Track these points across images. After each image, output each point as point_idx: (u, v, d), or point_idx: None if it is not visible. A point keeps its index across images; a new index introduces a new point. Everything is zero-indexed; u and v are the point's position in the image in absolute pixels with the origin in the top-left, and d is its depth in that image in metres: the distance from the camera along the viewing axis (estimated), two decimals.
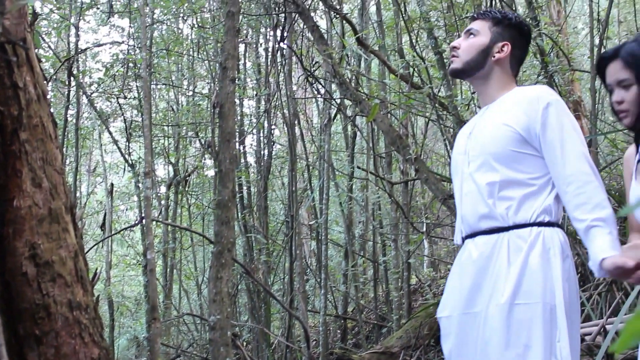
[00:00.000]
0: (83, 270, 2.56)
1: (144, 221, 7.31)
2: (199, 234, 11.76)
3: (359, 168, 12.17)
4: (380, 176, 11.00)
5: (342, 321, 12.07)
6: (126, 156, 11.76)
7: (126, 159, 11.74)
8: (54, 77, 11.22)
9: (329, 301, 11.74)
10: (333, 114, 11.08)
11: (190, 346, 13.04)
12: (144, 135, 7.30)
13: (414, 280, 12.76)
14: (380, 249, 12.29)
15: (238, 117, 12.02)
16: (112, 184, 12.77)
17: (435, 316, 3.43)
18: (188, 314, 12.71)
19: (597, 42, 8.91)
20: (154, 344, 6.20)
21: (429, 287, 12.02)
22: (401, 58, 9.84)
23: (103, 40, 13.56)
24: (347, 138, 12.44)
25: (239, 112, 12.27)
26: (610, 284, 7.52)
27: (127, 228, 12.31)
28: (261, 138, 12.34)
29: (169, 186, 13.14)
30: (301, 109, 13.12)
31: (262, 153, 12.15)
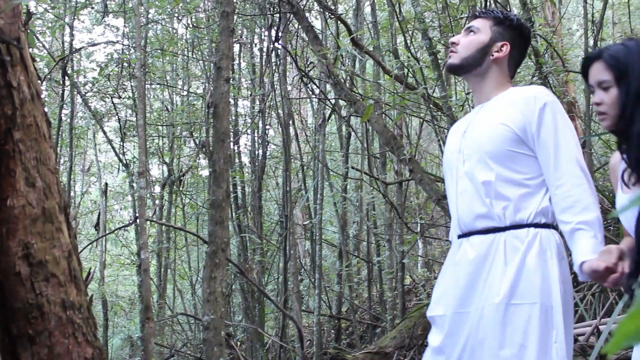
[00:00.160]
0: (77, 269, 2.56)
1: (138, 221, 7.30)
2: (193, 234, 11.75)
3: (353, 168, 12.17)
4: (374, 176, 11.00)
5: (336, 321, 12.06)
6: (120, 156, 11.76)
7: (120, 159, 11.74)
8: (49, 77, 11.21)
9: (323, 301, 11.74)
10: (327, 115, 11.08)
11: (184, 346, 13.03)
12: (138, 135, 7.29)
13: (408, 280, 12.76)
14: (374, 249, 12.29)
15: (232, 117, 12.01)
16: (106, 184, 12.75)
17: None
18: (182, 314, 12.71)
19: (592, 44, 8.92)
20: (148, 344, 6.20)
21: (423, 288, 12.02)
22: (396, 59, 9.84)
23: (97, 39, 13.55)
24: (342, 138, 12.43)
25: (234, 112, 12.26)
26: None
27: (121, 228, 12.31)
28: (256, 138, 12.33)
29: (164, 186, 13.12)
30: (296, 109, 13.11)
31: (257, 153, 12.15)
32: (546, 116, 3.06)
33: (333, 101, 10.55)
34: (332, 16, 9.52)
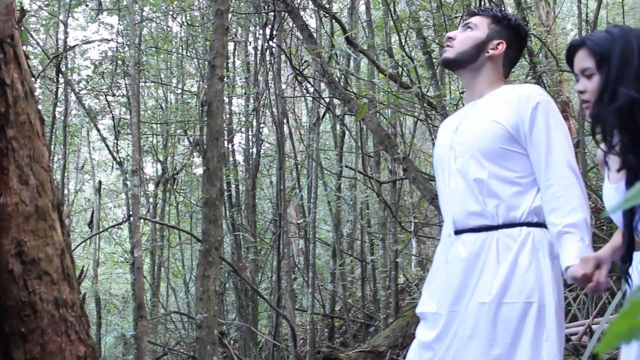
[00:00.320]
0: (69, 267, 2.55)
1: (132, 219, 7.30)
2: (187, 232, 11.74)
3: (348, 167, 12.17)
4: (368, 175, 11.00)
5: (330, 320, 12.07)
6: (114, 154, 11.73)
7: (114, 157, 11.72)
8: (43, 74, 11.19)
9: (317, 300, 11.74)
10: (322, 113, 11.08)
11: (177, 344, 13.02)
12: (132, 133, 7.29)
13: (402, 279, 12.76)
14: (368, 248, 12.29)
15: (227, 116, 12.01)
16: (100, 182, 12.74)
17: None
18: (175, 312, 12.69)
19: None
20: (141, 342, 6.20)
21: (417, 287, 12.01)
22: (390, 57, 9.84)
23: (92, 37, 13.51)
24: (336, 137, 12.43)
25: (228, 111, 12.25)
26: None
27: (115, 226, 12.29)
28: (250, 136, 12.33)
29: (157, 184, 13.10)
30: (290, 108, 13.10)
31: (251, 151, 12.14)
32: (539, 115, 3.05)
33: (327, 100, 10.55)
34: (327, 15, 9.52)
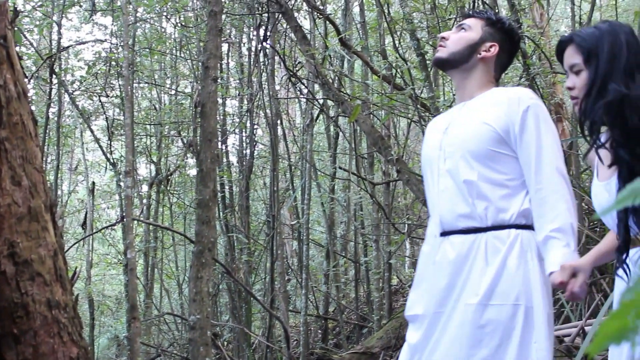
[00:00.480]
0: (62, 269, 2.55)
1: (125, 220, 7.29)
2: (180, 234, 11.73)
3: (341, 168, 12.17)
4: (362, 177, 11.01)
5: (323, 321, 12.07)
6: (108, 155, 11.72)
7: (108, 158, 11.71)
8: (36, 75, 11.17)
9: (310, 301, 11.73)
10: (315, 115, 11.09)
11: (170, 345, 13.01)
12: (125, 134, 7.29)
13: (395, 280, 12.77)
14: (361, 250, 12.30)
15: (221, 117, 12.00)
16: (94, 183, 12.72)
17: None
18: (168, 314, 12.68)
19: None
20: (134, 343, 6.19)
21: (410, 288, 12.03)
22: (384, 59, 9.85)
23: (86, 38, 13.50)
24: (330, 138, 12.43)
25: (222, 112, 12.25)
26: (589, 286, 7.56)
27: (108, 227, 12.27)
28: (244, 138, 12.33)
29: (151, 185, 13.10)
30: (284, 109, 13.11)
31: (245, 152, 12.15)
32: (529, 119, 3.06)
33: (321, 101, 10.55)
34: (321, 16, 9.52)
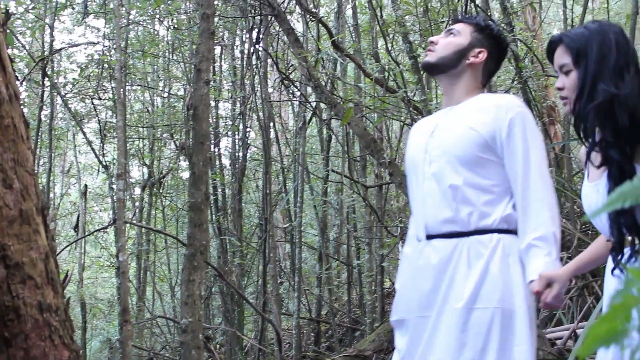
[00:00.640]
0: (54, 272, 2.54)
1: (117, 223, 7.28)
2: (172, 236, 11.72)
3: (334, 171, 12.17)
4: (354, 180, 11.01)
5: (316, 324, 12.06)
6: (100, 157, 11.71)
7: (100, 160, 11.70)
8: (28, 77, 11.16)
9: (303, 304, 11.73)
10: (308, 117, 11.09)
11: (163, 349, 13.00)
12: (118, 137, 7.28)
13: (388, 283, 12.75)
14: (354, 253, 12.29)
15: (213, 119, 12.00)
16: (86, 185, 12.70)
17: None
18: (160, 317, 12.66)
19: None
20: (126, 347, 6.19)
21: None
22: (376, 62, 9.86)
23: (78, 40, 13.49)
24: (322, 141, 12.43)
25: (214, 114, 12.25)
26: (582, 289, 7.57)
27: (100, 230, 12.24)
28: (236, 140, 12.33)
29: (144, 188, 13.08)
30: (276, 112, 13.11)
31: (237, 155, 12.14)
32: (516, 126, 3.09)
33: (314, 104, 10.56)
34: (313, 19, 9.52)
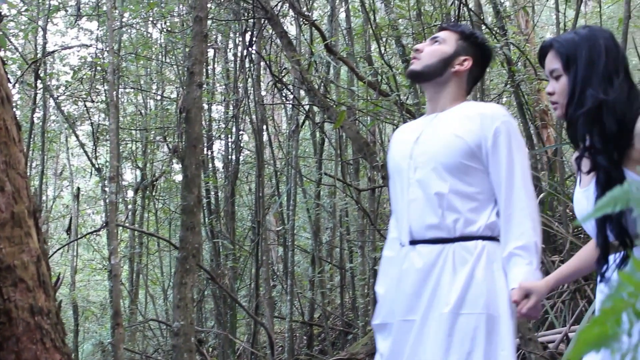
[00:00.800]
0: (45, 275, 2.54)
1: (109, 226, 7.27)
2: (164, 240, 11.70)
3: (327, 175, 12.16)
4: (347, 183, 11.00)
5: (308, 327, 12.05)
6: (93, 160, 11.69)
7: (93, 163, 11.68)
8: (21, 80, 11.14)
9: (295, 307, 11.72)
10: (301, 121, 11.09)
11: (155, 352, 12.97)
12: (110, 139, 7.27)
13: None
14: (347, 256, 12.29)
15: (206, 122, 11.99)
16: (79, 188, 12.68)
17: None
18: (152, 320, 12.64)
19: None
20: (118, 350, 6.18)
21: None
22: (369, 65, 9.86)
23: (71, 42, 13.44)
24: (315, 144, 12.43)
25: (207, 117, 12.24)
26: (574, 292, 7.59)
27: (93, 232, 12.21)
28: (229, 143, 12.32)
29: (136, 190, 13.06)
30: (269, 115, 13.10)
31: (230, 158, 12.13)
32: (502, 136, 3.12)
33: (307, 107, 10.55)
34: (307, 22, 9.53)
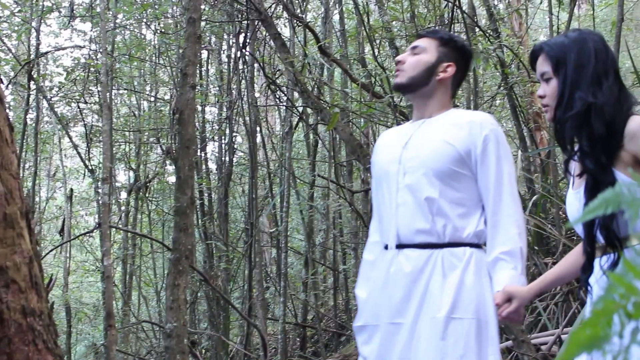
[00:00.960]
0: (38, 276, 2.53)
1: (101, 227, 7.26)
2: (157, 241, 11.69)
3: (320, 176, 12.17)
4: (341, 185, 11.01)
5: (302, 329, 12.04)
6: (86, 161, 11.67)
7: (86, 164, 11.66)
8: (14, 81, 11.11)
9: (289, 309, 11.71)
10: (295, 122, 11.09)
11: (148, 353, 12.94)
12: (103, 141, 7.27)
13: None
14: (340, 258, 12.30)
15: (200, 124, 11.98)
16: (72, 189, 12.66)
17: None
18: (145, 321, 12.62)
19: None
20: (110, 351, 6.17)
21: None
22: (363, 67, 9.87)
23: (64, 44, 13.42)
24: (309, 146, 12.44)
25: (201, 119, 12.23)
26: (567, 294, 7.59)
27: (85, 234, 12.19)
28: (223, 145, 12.31)
29: (130, 192, 13.04)
30: (263, 117, 13.10)
31: (224, 160, 12.12)
32: (491, 144, 3.16)
33: (300, 109, 10.56)
34: (300, 24, 9.53)
